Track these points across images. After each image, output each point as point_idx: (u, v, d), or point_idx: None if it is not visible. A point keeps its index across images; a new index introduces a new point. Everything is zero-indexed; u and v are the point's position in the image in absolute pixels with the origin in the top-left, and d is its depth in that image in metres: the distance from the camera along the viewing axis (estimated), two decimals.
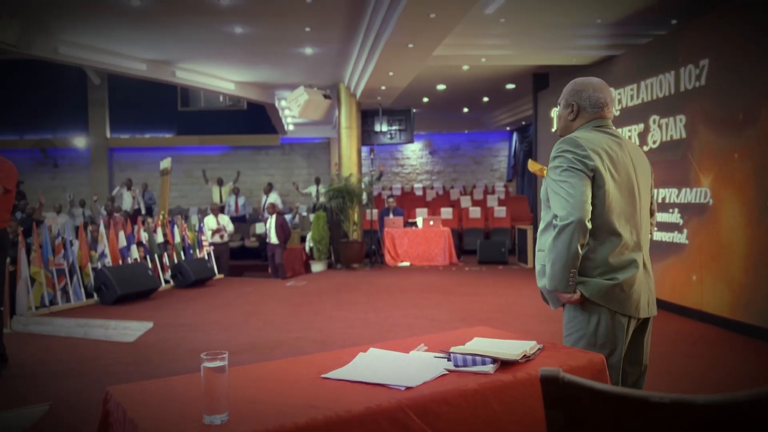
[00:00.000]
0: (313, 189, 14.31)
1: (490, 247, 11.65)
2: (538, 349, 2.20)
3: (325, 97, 11.09)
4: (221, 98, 16.76)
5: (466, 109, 15.55)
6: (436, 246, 11.51)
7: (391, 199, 12.44)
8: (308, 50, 8.88)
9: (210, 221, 11.51)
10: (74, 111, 17.11)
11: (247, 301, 7.80)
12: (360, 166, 11.80)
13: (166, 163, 12.23)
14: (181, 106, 17.60)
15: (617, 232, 2.24)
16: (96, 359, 5.00)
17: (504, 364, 1.99)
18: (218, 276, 9.83)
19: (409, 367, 1.97)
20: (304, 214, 15.13)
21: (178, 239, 9.42)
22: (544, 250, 2.33)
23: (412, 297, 7.92)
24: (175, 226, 9.48)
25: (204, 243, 9.93)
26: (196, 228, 10.16)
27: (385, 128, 11.86)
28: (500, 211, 13.93)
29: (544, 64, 9.59)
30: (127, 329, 6.33)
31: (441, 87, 12.06)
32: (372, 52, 8.22)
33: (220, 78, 10.54)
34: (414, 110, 13.73)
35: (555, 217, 2.21)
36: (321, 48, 8.92)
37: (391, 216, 12.03)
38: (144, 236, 8.80)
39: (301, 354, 5.02)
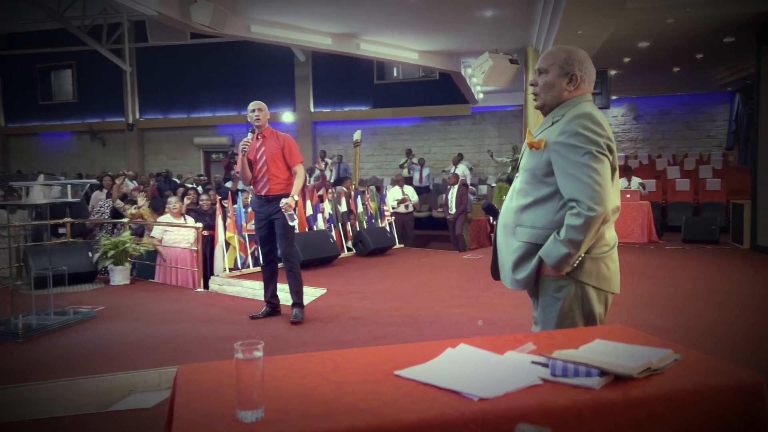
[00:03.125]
0: (508, 158, 13.89)
1: (699, 224, 10.35)
2: (674, 360, 1.77)
3: (512, 62, 10.55)
4: (420, 70, 16.83)
5: (676, 69, 13.88)
6: (632, 221, 10.49)
7: None
8: (489, 13, 8.46)
9: (395, 192, 11.70)
10: (283, 87, 18.41)
11: (421, 272, 7.77)
12: None
13: (357, 135, 12.62)
14: (377, 79, 18.07)
15: (616, 210, 2.23)
16: (262, 324, 5.27)
17: (617, 379, 1.62)
18: (398, 246, 9.95)
19: (496, 372, 1.68)
20: (494, 184, 14.76)
21: (360, 209, 9.68)
22: (536, 228, 2.25)
23: None
24: (359, 196, 9.75)
25: (386, 213, 10.10)
26: (379, 198, 10.36)
27: None
28: (713, 183, 12.31)
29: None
30: (304, 294, 6.62)
31: (643, 44, 10.86)
32: (556, 10, 7.58)
33: (403, 48, 10.53)
34: (613, 72, 12.58)
35: (574, 201, 2.14)
36: (502, 10, 8.45)
37: None
38: (328, 206, 9.16)
39: (457, 334, 4.88)
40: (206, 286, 7.19)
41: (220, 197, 8.36)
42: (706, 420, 1.60)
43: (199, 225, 7.02)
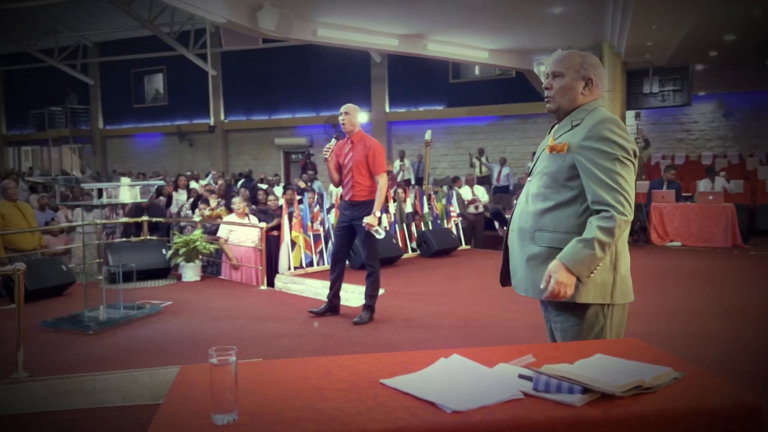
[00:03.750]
0: None
1: None
2: (673, 378, 1.69)
3: None
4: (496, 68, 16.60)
5: None
6: (715, 225, 9.95)
7: (672, 171, 10.98)
8: (557, 9, 8.25)
9: (465, 192, 11.61)
10: (359, 88, 18.66)
11: (482, 275, 7.68)
12: None
13: (428, 135, 12.62)
14: (452, 78, 17.99)
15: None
16: (320, 320, 5.39)
17: (603, 397, 1.57)
18: (464, 247, 9.88)
19: (479, 385, 1.67)
20: None
21: (426, 209, 9.68)
22: (559, 232, 2.22)
23: (667, 282, 6.98)
24: (424, 197, 9.75)
25: (452, 214, 10.05)
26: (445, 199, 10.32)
27: (656, 89, 10.54)
28: None
29: None
30: (361, 294, 6.71)
31: (729, 38, 10.24)
32: (627, 4, 7.30)
33: (472, 47, 10.43)
34: (699, 67, 11.95)
35: (605, 205, 2.11)
36: (571, 6, 8.22)
37: (664, 189, 10.71)
38: (393, 206, 9.22)
39: (507, 340, 4.81)
40: (271, 284, 7.41)
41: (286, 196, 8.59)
42: None
43: (263, 224, 7.25)
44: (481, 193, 11.73)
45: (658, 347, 2.04)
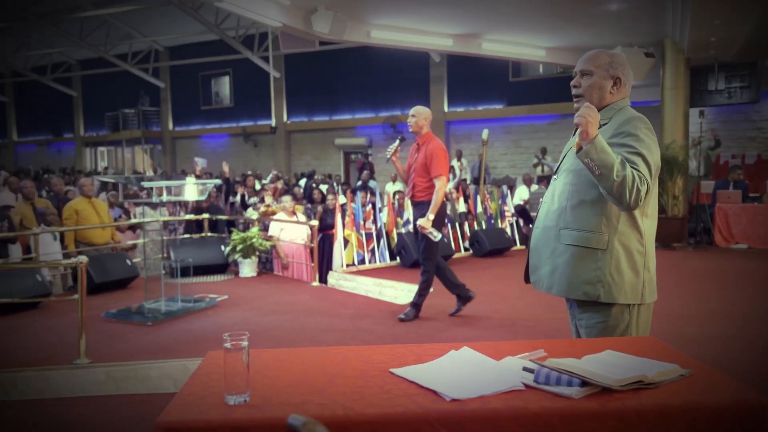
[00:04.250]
0: None
1: None
2: (679, 375, 1.70)
3: (647, 55, 9.97)
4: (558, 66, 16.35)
5: None
6: None
7: (738, 171, 10.56)
8: (613, 6, 8.09)
9: (522, 192, 11.51)
10: (417, 88, 18.69)
11: None
12: (686, 131, 10.34)
13: (485, 135, 12.56)
14: (512, 77, 17.80)
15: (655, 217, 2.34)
16: (364, 316, 5.51)
17: (604, 391, 1.60)
18: (518, 247, 9.80)
19: (482, 375, 1.73)
20: None
21: (480, 209, 9.66)
22: (584, 230, 2.26)
23: (728, 285, 6.75)
24: (478, 196, 9.73)
25: (506, 213, 9.99)
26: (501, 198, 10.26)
27: (721, 86, 10.16)
28: None
29: None
30: (410, 292, 6.79)
31: None
32: (686, 0, 7.09)
33: (528, 45, 10.32)
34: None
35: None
36: (628, 2, 8.03)
37: (730, 189, 10.30)
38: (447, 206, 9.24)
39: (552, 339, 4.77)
40: (324, 281, 7.59)
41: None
42: None
43: (314, 222, 7.42)
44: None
45: (707, 353, 2.04)
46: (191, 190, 5.79)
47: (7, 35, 21.96)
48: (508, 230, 9.85)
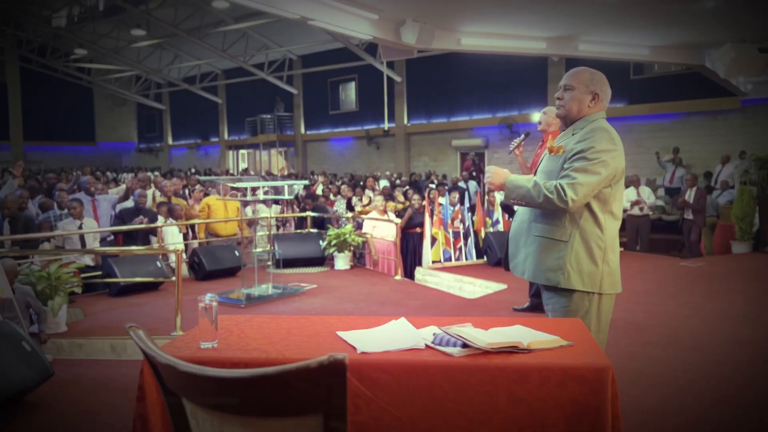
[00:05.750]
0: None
1: None
2: (558, 345, 2.04)
3: (761, 50, 9.48)
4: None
5: None
6: None
7: None
8: (709, 4, 7.84)
9: (630, 193, 11.27)
10: (535, 89, 18.63)
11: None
12: None
13: None
14: (633, 75, 17.22)
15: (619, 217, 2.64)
16: (428, 307, 5.96)
17: (485, 354, 1.98)
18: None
19: (398, 338, 2.17)
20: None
21: None
22: (550, 224, 2.62)
23: None
24: None
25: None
26: None
27: None
28: None
29: None
30: (481, 287, 7.14)
31: None
32: None
33: (629, 45, 10.13)
34: None
35: (564, 184, 2.49)
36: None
37: None
38: None
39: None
40: (411, 276, 8.11)
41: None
42: (552, 393, 1.88)
43: (399, 221, 7.95)
44: (647, 194, 11.30)
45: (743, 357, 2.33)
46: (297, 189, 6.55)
47: (164, 50, 24.66)
48: None
